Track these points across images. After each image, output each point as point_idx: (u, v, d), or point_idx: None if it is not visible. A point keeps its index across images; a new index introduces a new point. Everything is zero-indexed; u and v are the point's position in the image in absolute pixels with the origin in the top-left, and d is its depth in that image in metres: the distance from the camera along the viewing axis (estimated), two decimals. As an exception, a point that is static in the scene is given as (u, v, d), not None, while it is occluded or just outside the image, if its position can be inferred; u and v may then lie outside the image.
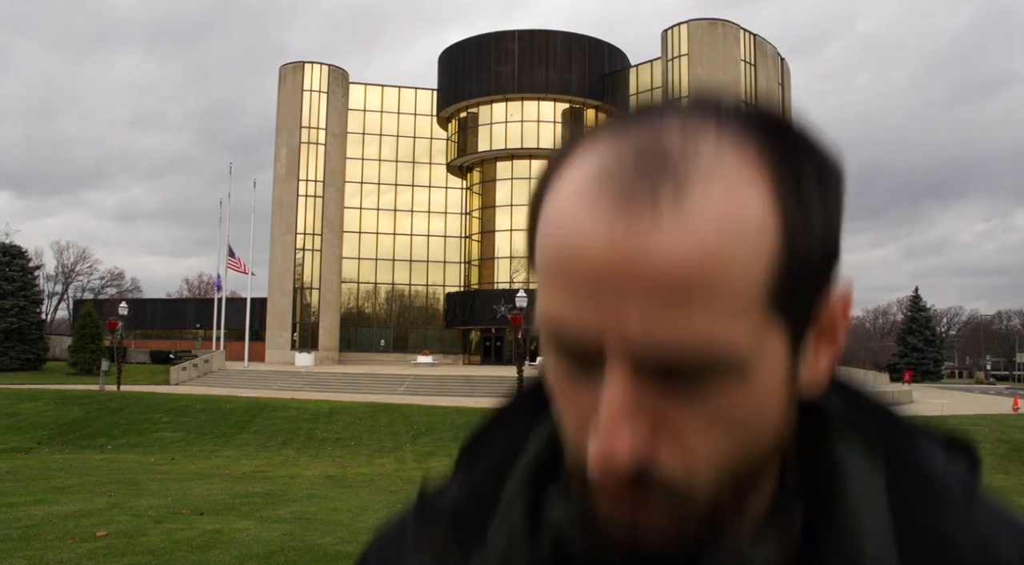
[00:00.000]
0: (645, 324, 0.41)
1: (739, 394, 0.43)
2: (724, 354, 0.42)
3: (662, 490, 0.44)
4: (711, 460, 0.44)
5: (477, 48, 55.56)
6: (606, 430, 0.43)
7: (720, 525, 0.47)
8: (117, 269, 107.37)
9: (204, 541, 6.99)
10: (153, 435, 21.16)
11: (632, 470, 0.43)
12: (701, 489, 0.45)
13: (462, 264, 59.54)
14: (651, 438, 0.44)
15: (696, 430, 0.44)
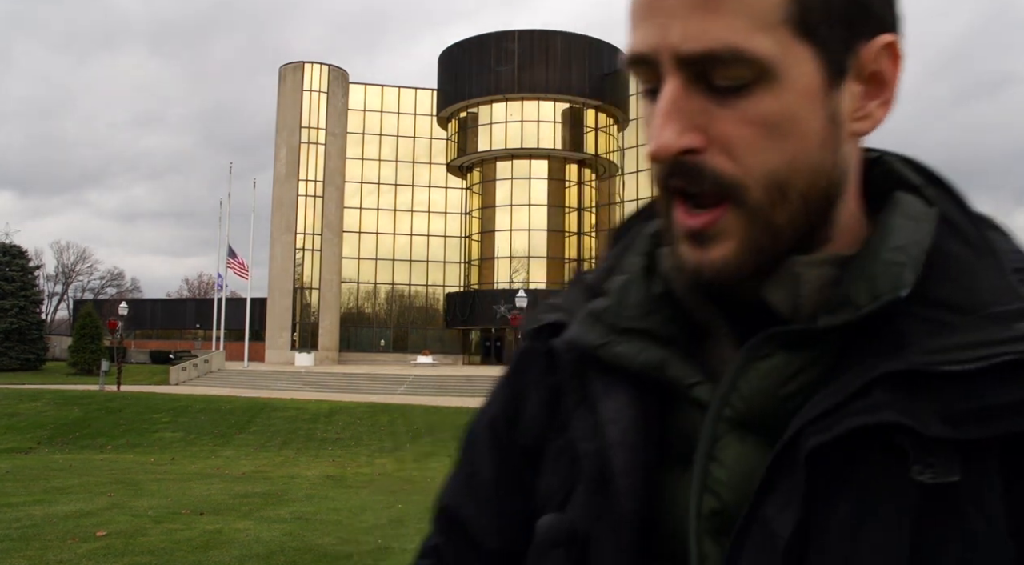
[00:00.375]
0: (683, 33, 0.51)
1: (772, 102, 0.52)
2: (748, 57, 0.51)
3: (714, 179, 0.53)
4: (757, 162, 0.52)
5: (477, 48, 55.53)
6: (656, 126, 0.53)
7: (779, 254, 0.54)
8: (117, 269, 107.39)
9: (204, 541, 6.99)
10: (153, 435, 21.16)
11: (677, 151, 0.53)
12: (751, 190, 0.53)
13: (462, 264, 59.53)
14: (699, 137, 0.53)
15: (740, 136, 0.52)
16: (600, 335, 0.62)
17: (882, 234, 0.56)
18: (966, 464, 0.48)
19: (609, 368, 0.61)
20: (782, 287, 0.55)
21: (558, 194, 55.99)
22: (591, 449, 0.60)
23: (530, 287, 49.84)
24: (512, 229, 55.28)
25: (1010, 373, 0.49)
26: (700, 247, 0.55)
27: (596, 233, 57.09)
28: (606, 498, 0.59)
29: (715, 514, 0.55)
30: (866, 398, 0.50)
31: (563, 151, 55.25)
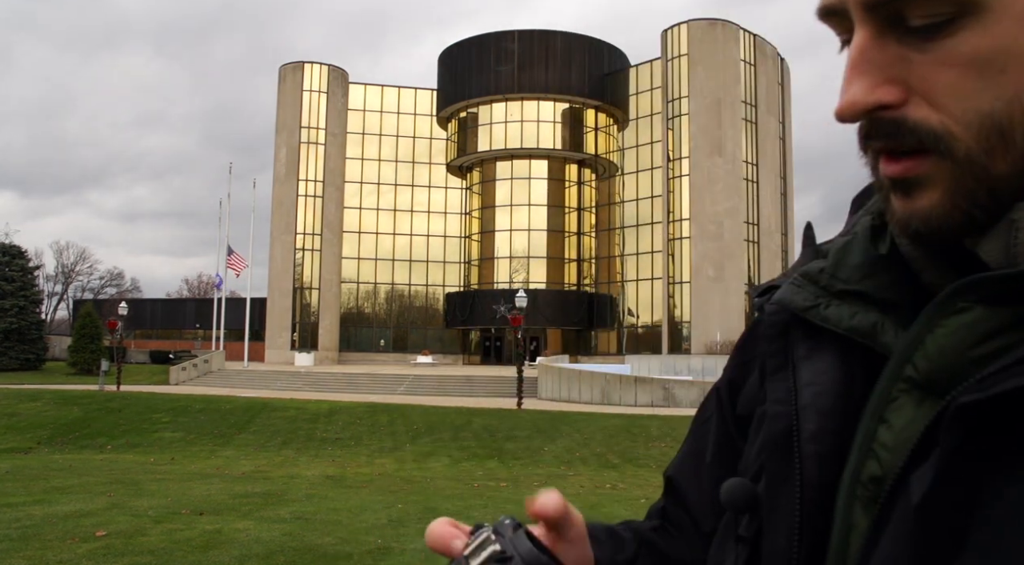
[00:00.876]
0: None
1: (982, 36, 0.44)
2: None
3: (915, 132, 0.47)
4: (967, 107, 0.45)
5: (477, 48, 55.54)
6: (846, 80, 0.48)
7: (1004, 204, 0.47)
8: (117, 269, 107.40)
9: (204, 541, 6.99)
10: (153, 435, 21.17)
11: (867, 107, 0.47)
12: (960, 139, 0.46)
13: (462, 264, 59.53)
14: (896, 90, 0.47)
15: (945, 81, 0.45)
16: (810, 297, 0.59)
17: None
18: None
19: (817, 332, 0.58)
20: (998, 238, 0.48)
21: (558, 194, 55.99)
22: (782, 412, 0.57)
23: (530, 287, 49.84)
24: (512, 229, 55.28)
25: None
26: (906, 196, 0.49)
27: (596, 233, 57.11)
28: (789, 464, 0.55)
29: (874, 481, 0.50)
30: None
31: (563, 151, 55.25)
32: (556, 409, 25.85)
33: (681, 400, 29.09)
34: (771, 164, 50.06)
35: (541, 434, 20.54)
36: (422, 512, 9.33)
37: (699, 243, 46.06)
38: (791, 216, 53.04)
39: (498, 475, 15.41)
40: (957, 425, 0.44)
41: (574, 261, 56.33)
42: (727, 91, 47.29)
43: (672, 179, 48.28)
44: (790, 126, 53.98)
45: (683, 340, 46.15)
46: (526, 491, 12.46)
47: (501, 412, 24.27)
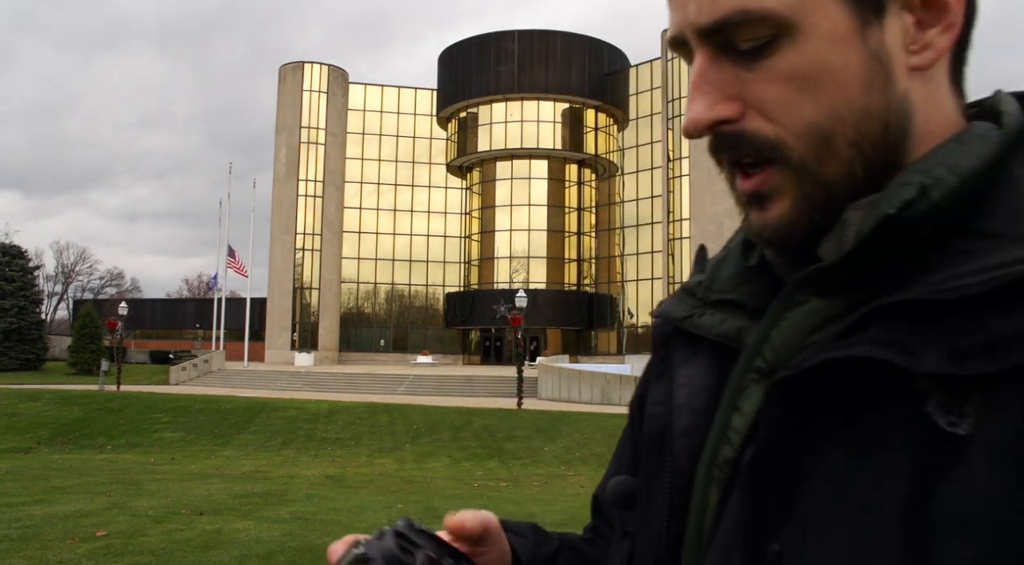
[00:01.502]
0: (697, 8, 0.52)
1: (797, 54, 0.50)
2: (759, 15, 0.50)
3: (753, 143, 0.52)
4: (793, 118, 0.51)
5: (477, 48, 55.54)
6: (689, 100, 0.54)
7: (840, 207, 0.52)
8: (117, 269, 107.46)
9: (204, 541, 6.99)
10: (153, 435, 21.16)
11: (707, 123, 0.53)
12: (792, 147, 0.51)
13: (462, 264, 59.53)
14: (733, 105, 0.52)
15: (773, 96, 0.51)
16: (687, 308, 0.64)
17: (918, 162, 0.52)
18: (983, 405, 0.43)
19: (696, 339, 0.63)
20: (833, 238, 0.53)
21: (558, 194, 55.99)
22: (659, 412, 0.63)
23: (530, 287, 49.83)
24: (512, 229, 55.27)
25: (1019, 295, 0.44)
26: (760, 208, 0.54)
27: (596, 233, 57.11)
28: (663, 458, 0.60)
29: (726, 463, 0.55)
30: (861, 333, 0.47)
31: (563, 151, 55.25)
32: (556, 409, 25.85)
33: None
34: (771, 164, 50.04)
35: (541, 434, 20.54)
36: (422, 512, 9.33)
37: (699, 243, 45.81)
38: (791, 216, 52.99)
39: (498, 475, 15.41)
40: (775, 401, 0.51)
41: (574, 261, 56.33)
42: None
43: (672, 179, 48.28)
44: (790, 126, 53.95)
45: (683, 340, 46.09)
46: (526, 491, 12.47)
47: (501, 412, 24.27)
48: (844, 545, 0.45)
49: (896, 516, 0.43)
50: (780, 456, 0.49)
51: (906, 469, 0.44)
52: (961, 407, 0.43)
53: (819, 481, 0.47)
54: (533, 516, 8.85)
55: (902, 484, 0.44)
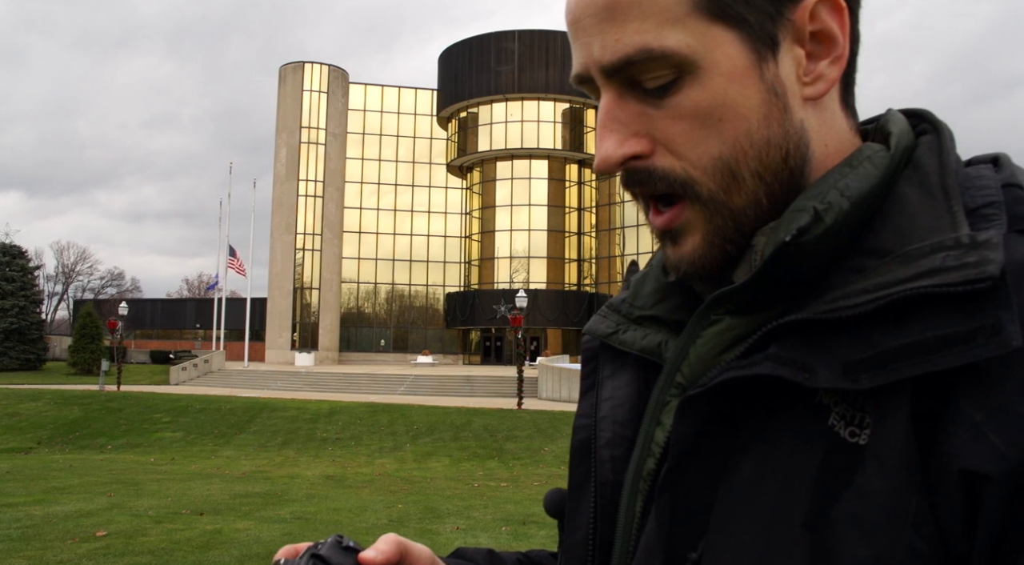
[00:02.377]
0: (601, 46, 0.53)
1: (699, 92, 0.52)
2: (660, 54, 0.52)
3: (664, 179, 0.54)
4: (699, 153, 0.53)
5: (477, 48, 55.54)
6: (598, 138, 0.55)
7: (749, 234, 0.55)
8: (117, 269, 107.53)
9: (204, 541, 6.99)
10: (153, 435, 21.17)
11: (618, 160, 0.54)
12: (700, 182, 0.53)
13: (462, 264, 59.53)
14: (643, 142, 0.54)
15: (678, 132, 0.53)
16: (612, 324, 0.67)
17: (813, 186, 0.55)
18: (877, 415, 0.46)
19: (620, 354, 0.66)
20: (744, 264, 0.56)
21: (558, 194, 56.00)
22: (585, 424, 0.66)
23: (530, 287, 49.84)
24: (512, 229, 55.27)
25: (903, 312, 0.46)
26: (674, 243, 0.57)
27: (596, 233, 57.11)
28: (588, 469, 0.63)
29: (650, 474, 0.58)
30: (763, 351, 0.50)
31: (563, 151, 55.26)
32: (556, 409, 25.84)
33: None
34: (771, 164, 50.07)
35: (541, 434, 20.54)
36: (422, 512, 9.34)
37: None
38: (791, 216, 53.04)
39: (498, 475, 15.41)
40: (684, 417, 0.53)
41: (574, 261, 56.34)
42: None
43: (672, 179, 48.28)
44: (790, 126, 53.99)
45: (683, 340, 46.14)
46: (526, 491, 12.47)
47: (501, 412, 24.27)
48: (755, 550, 0.48)
49: (802, 521, 0.46)
50: (693, 469, 0.52)
51: (811, 476, 0.47)
52: (861, 418, 0.46)
53: (731, 491, 0.50)
54: (533, 516, 8.86)
55: (808, 490, 0.46)
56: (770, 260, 0.52)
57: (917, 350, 0.44)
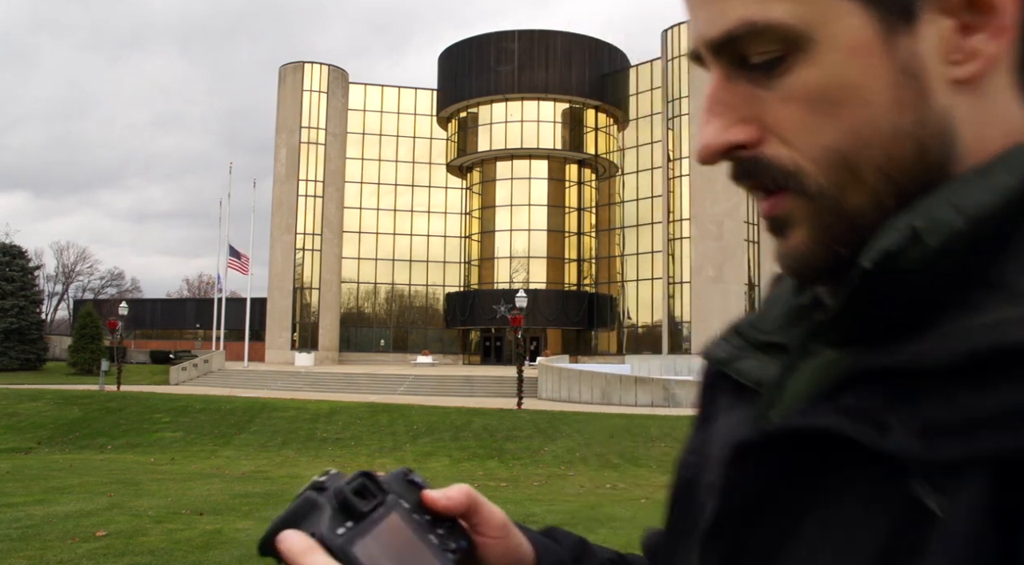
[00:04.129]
0: (706, 20, 0.47)
1: (812, 71, 0.44)
2: (765, 28, 0.44)
3: (771, 171, 0.47)
4: (811, 142, 0.45)
5: (477, 48, 55.55)
6: (701, 122, 0.48)
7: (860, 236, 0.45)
8: (117, 269, 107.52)
9: (204, 541, 6.99)
10: (153, 435, 21.17)
11: (721, 149, 0.47)
12: (810, 175, 0.45)
13: (462, 264, 59.54)
14: (750, 129, 0.47)
15: (789, 117, 0.45)
16: (731, 349, 0.59)
17: None
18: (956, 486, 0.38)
19: (739, 385, 0.57)
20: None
21: (558, 194, 56.00)
22: (690, 462, 0.58)
23: (530, 287, 49.83)
24: (512, 229, 55.28)
25: (993, 369, 0.38)
26: (781, 235, 0.49)
27: (596, 233, 57.11)
28: (687, 514, 0.56)
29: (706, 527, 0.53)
30: (834, 400, 0.43)
31: (563, 151, 55.27)
32: (556, 409, 25.85)
33: (681, 400, 29.07)
34: (771, 164, 50.05)
35: (541, 434, 20.53)
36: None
37: (699, 243, 46.05)
38: (791, 216, 53.02)
39: (498, 475, 15.41)
40: (737, 464, 0.46)
41: (574, 261, 56.34)
42: None
43: (672, 179, 48.27)
44: (790, 126, 53.97)
45: (683, 340, 46.15)
46: (526, 491, 12.47)
47: (501, 412, 24.26)
48: None
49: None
50: (745, 525, 0.46)
51: (880, 542, 0.40)
52: (939, 483, 0.39)
53: (791, 550, 0.44)
54: (533, 516, 8.85)
55: (874, 556, 0.40)
56: (857, 290, 0.43)
57: (1012, 421, 0.37)
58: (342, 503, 0.48)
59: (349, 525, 0.48)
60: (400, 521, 0.49)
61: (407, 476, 0.53)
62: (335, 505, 0.48)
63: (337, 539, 0.47)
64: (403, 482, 0.52)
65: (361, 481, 0.50)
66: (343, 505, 0.48)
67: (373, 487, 0.50)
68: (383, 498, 0.50)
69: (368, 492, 0.49)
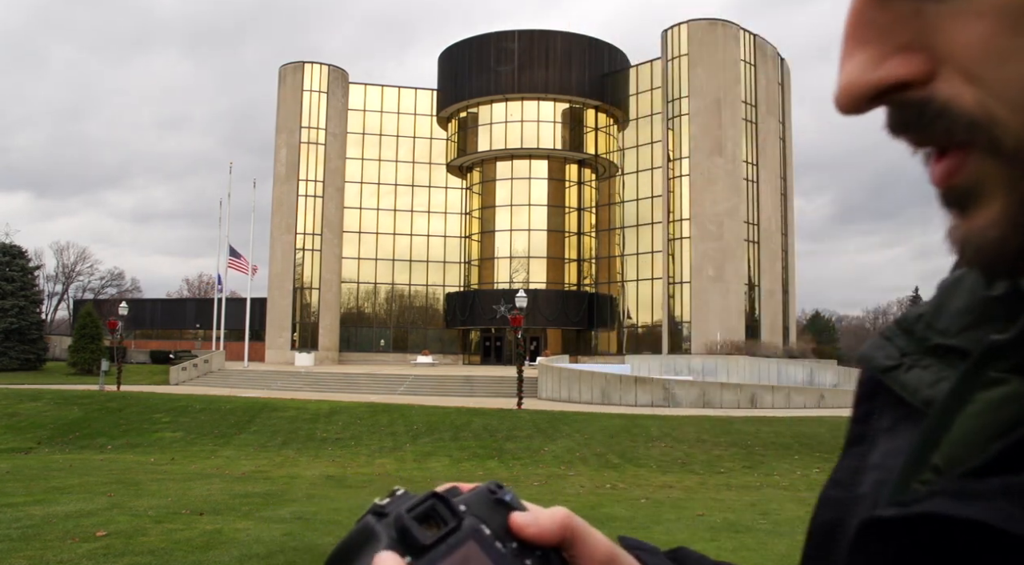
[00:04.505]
0: None
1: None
2: None
3: (946, 118, 0.32)
4: (1009, 74, 0.30)
5: (477, 48, 55.56)
6: (842, 55, 0.35)
7: None
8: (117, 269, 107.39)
9: (204, 541, 6.98)
10: (153, 435, 21.17)
11: (871, 90, 0.33)
12: (1005, 120, 0.31)
13: (462, 264, 59.55)
14: (914, 60, 0.33)
15: (974, 41, 0.31)
16: (895, 354, 0.46)
17: None
18: None
19: (903, 401, 0.44)
20: None
21: (558, 194, 56.01)
22: (836, 497, 0.45)
23: (530, 287, 49.84)
24: (512, 229, 55.28)
25: None
26: (961, 212, 0.34)
27: (596, 233, 57.11)
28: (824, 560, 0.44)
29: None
30: (1006, 468, 0.32)
31: (563, 151, 55.27)
32: (556, 409, 25.85)
33: (681, 400, 29.08)
34: (771, 164, 50.06)
35: (541, 434, 20.53)
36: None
37: (699, 243, 46.06)
38: (791, 216, 53.04)
39: (498, 475, 15.41)
40: (863, 546, 0.35)
41: (574, 261, 56.34)
42: (727, 91, 47.27)
43: (672, 179, 48.28)
44: (790, 126, 53.97)
45: (683, 340, 46.15)
46: (526, 491, 12.46)
47: (501, 412, 24.27)
48: None
49: None
50: None
51: None
52: None
53: None
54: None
55: None
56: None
57: None
58: (401, 533, 0.39)
59: (408, 562, 0.38)
60: (478, 552, 0.39)
61: (493, 494, 0.42)
62: (394, 535, 0.39)
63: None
64: (487, 501, 0.42)
65: (430, 504, 0.40)
66: (402, 535, 0.39)
67: (445, 512, 0.40)
68: (457, 524, 0.40)
69: (438, 517, 0.40)
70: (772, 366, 37.19)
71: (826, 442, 19.13)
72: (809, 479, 14.86)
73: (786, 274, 51.27)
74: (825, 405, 30.29)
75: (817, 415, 25.17)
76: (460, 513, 0.40)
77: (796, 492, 12.93)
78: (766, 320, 47.72)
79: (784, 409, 28.34)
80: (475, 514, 0.40)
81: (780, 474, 15.56)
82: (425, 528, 0.39)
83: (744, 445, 19.00)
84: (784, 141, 52.56)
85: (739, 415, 24.84)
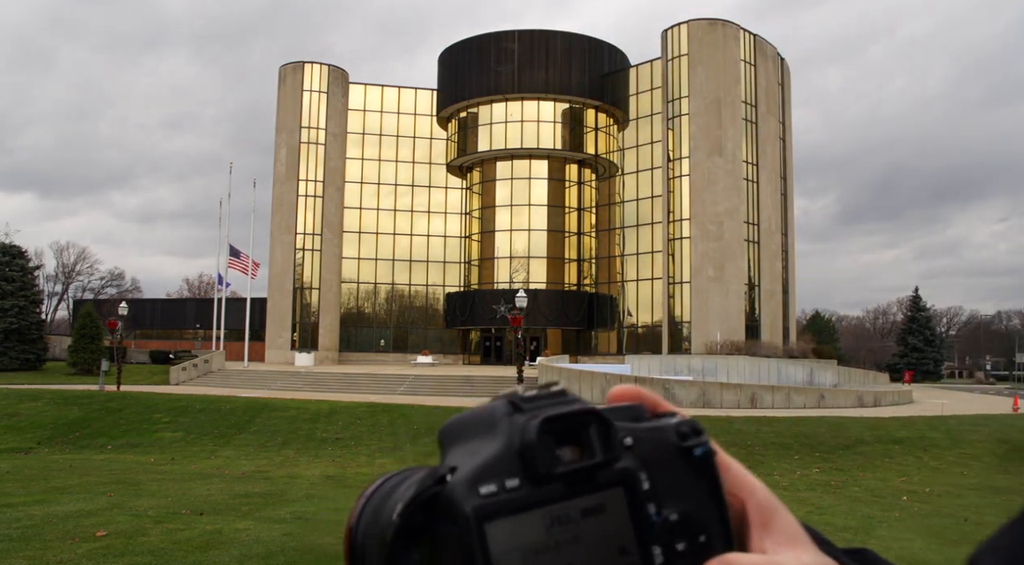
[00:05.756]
0: None
1: None
2: None
3: None
4: None
5: (477, 48, 55.56)
6: None
7: None
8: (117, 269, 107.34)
9: (204, 541, 6.98)
10: (153, 435, 21.16)
11: None
12: None
13: (462, 264, 59.55)
14: None
15: None
16: None
17: None
18: None
19: None
20: None
21: (558, 194, 56.00)
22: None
23: (530, 287, 49.84)
24: (512, 229, 55.28)
25: None
26: None
27: (596, 233, 57.11)
28: None
29: None
30: None
31: (563, 151, 55.26)
32: (556, 409, 25.81)
33: (681, 400, 29.06)
34: (771, 164, 50.07)
35: (541, 434, 20.53)
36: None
37: (699, 243, 46.06)
38: (791, 216, 53.05)
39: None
40: None
41: (574, 261, 56.33)
42: (727, 91, 47.28)
43: (672, 179, 48.29)
44: (790, 126, 53.98)
45: (683, 340, 46.15)
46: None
47: (501, 412, 24.23)
48: None
49: None
50: None
51: None
52: None
53: None
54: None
55: None
56: None
57: None
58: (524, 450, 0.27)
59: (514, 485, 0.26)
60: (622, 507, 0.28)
61: (683, 439, 0.30)
62: (516, 445, 0.27)
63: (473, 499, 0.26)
64: (668, 447, 0.29)
65: (584, 421, 0.28)
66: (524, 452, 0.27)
67: (598, 438, 0.28)
68: (606, 459, 0.28)
69: (587, 441, 0.28)
70: (772, 366, 37.19)
71: (826, 442, 19.12)
72: (809, 479, 14.86)
73: (786, 274, 51.26)
74: (825, 405, 30.29)
75: (817, 415, 25.17)
76: (617, 447, 0.28)
77: (796, 492, 12.93)
78: (766, 320, 47.72)
79: (784, 409, 28.34)
80: (640, 456, 0.28)
81: (780, 474, 15.56)
82: (564, 449, 0.27)
83: (744, 445, 19.00)
84: (784, 141, 52.56)
85: (739, 415, 24.84)
